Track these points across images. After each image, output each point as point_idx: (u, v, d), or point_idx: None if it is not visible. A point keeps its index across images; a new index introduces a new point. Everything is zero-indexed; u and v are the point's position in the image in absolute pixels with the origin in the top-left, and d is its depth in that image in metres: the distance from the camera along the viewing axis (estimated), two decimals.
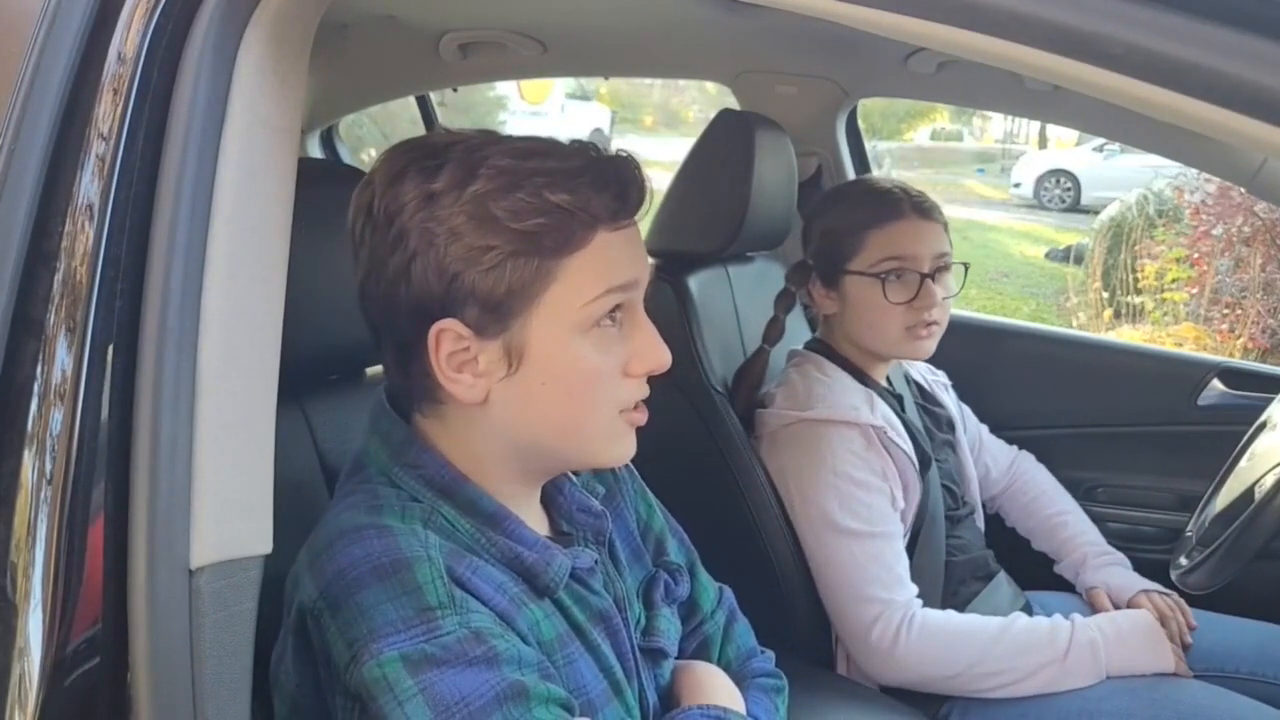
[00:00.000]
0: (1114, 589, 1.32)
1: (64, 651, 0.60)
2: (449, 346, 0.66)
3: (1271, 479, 1.04)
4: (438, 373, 0.67)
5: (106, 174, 0.63)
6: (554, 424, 0.70)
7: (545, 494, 0.79)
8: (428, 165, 0.66)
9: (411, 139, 0.70)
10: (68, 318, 0.63)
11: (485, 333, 0.66)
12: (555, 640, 0.70)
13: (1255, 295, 5.04)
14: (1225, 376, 1.64)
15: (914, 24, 0.52)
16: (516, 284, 0.65)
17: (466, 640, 0.61)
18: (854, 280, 1.24)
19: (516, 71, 1.94)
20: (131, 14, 0.65)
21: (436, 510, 0.68)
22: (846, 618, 1.18)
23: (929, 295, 1.21)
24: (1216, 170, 1.70)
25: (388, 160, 0.68)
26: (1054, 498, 1.48)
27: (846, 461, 1.19)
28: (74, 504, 0.61)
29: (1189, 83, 0.46)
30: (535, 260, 0.65)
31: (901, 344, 1.25)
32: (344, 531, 0.66)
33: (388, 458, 0.71)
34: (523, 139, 0.68)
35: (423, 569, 0.63)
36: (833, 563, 1.19)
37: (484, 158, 0.65)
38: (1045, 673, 1.12)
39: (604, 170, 0.67)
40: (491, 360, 0.67)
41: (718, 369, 1.35)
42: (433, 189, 0.65)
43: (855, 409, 1.22)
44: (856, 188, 1.34)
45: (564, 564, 0.71)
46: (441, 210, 0.64)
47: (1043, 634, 1.14)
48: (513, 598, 0.67)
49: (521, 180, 0.64)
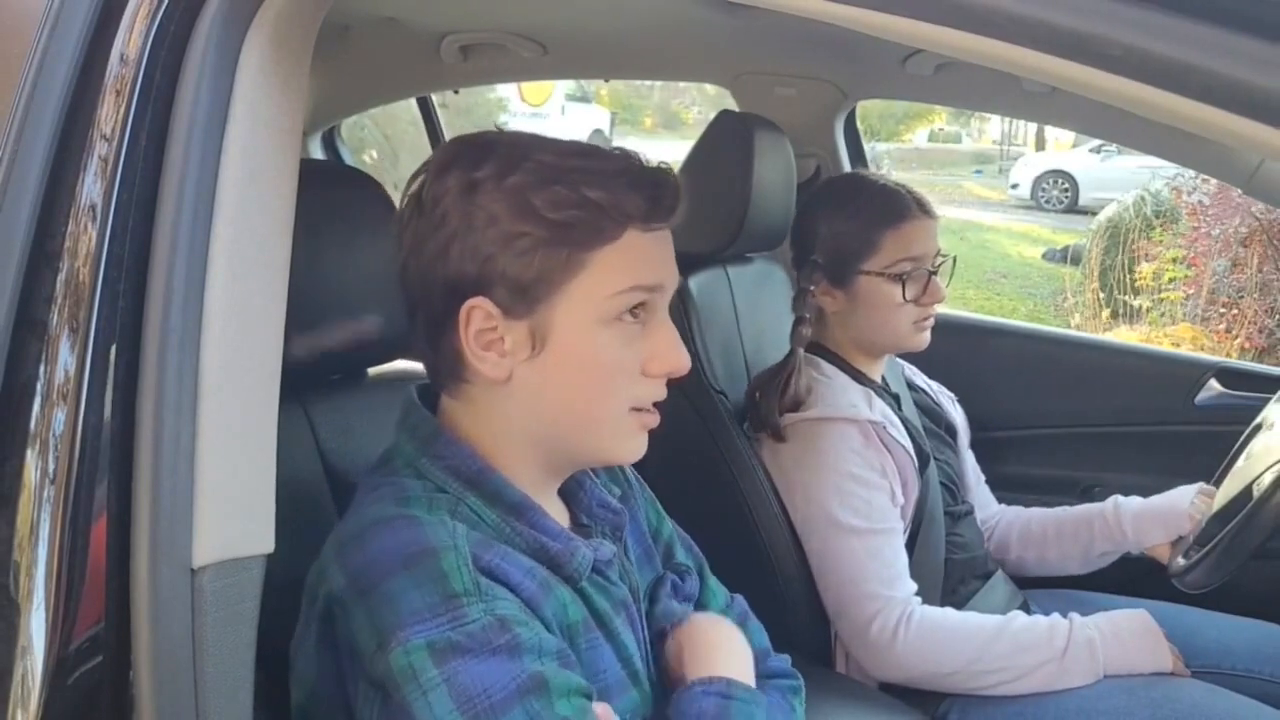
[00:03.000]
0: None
1: (66, 650, 0.61)
2: (478, 324, 0.69)
3: (1268, 478, 1.05)
4: (465, 348, 0.70)
5: (109, 175, 0.64)
6: (567, 409, 0.72)
7: (567, 489, 0.80)
8: (474, 157, 0.70)
9: (464, 135, 0.74)
10: (70, 318, 0.63)
11: (513, 313, 0.69)
12: (581, 623, 0.71)
13: (1252, 295, 5.05)
14: (1222, 376, 1.64)
15: (912, 25, 0.52)
16: (545, 270, 0.69)
17: (491, 628, 0.62)
18: (868, 280, 1.26)
19: (517, 73, 1.94)
20: (134, 16, 0.65)
21: (463, 501, 0.70)
22: (846, 614, 1.19)
23: (936, 291, 1.25)
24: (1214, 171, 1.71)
25: (440, 152, 0.73)
26: (1044, 511, 1.48)
27: (846, 459, 1.20)
28: (77, 503, 0.61)
29: (1186, 84, 0.47)
30: (565, 250, 0.69)
31: (910, 338, 1.28)
32: (373, 522, 0.67)
33: (415, 450, 0.73)
34: (569, 142, 0.72)
35: (449, 557, 0.64)
36: (833, 559, 1.19)
37: (527, 154, 0.69)
38: (1043, 671, 1.12)
39: (640, 174, 0.71)
40: (517, 340, 0.70)
41: (718, 370, 1.36)
42: (475, 177, 0.68)
43: (854, 406, 1.22)
44: (861, 188, 1.31)
45: (587, 555, 0.73)
46: (482, 197, 0.68)
47: (1041, 632, 1.15)
48: (542, 581, 0.68)
49: (560, 175, 0.68)
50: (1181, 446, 1.60)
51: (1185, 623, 1.29)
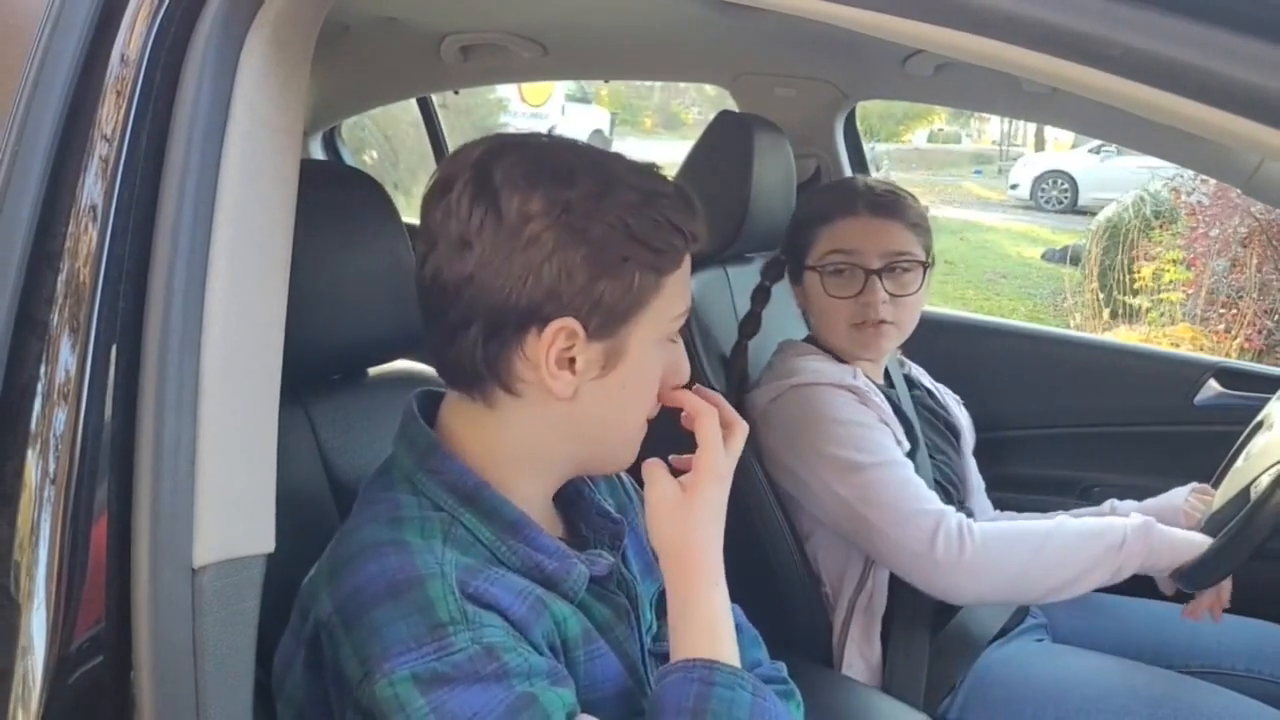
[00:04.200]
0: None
1: (67, 650, 0.61)
2: (561, 344, 0.68)
3: (1267, 478, 1.05)
4: (542, 368, 0.68)
5: (110, 175, 0.64)
6: (610, 424, 0.74)
7: (566, 498, 0.80)
8: (559, 171, 0.68)
9: (512, 138, 0.71)
10: (71, 318, 0.63)
11: (596, 335, 0.69)
12: (582, 635, 0.71)
13: (1251, 296, 5.05)
14: (1221, 377, 1.64)
15: (912, 26, 0.52)
16: (638, 294, 0.70)
17: (477, 657, 0.62)
18: (809, 275, 1.27)
19: (517, 74, 1.94)
20: (134, 16, 0.66)
21: (458, 520, 0.69)
22: (905, 545, 1.12)
23: (872, 292, 1.22)
24: (1213, 171, 1.70)
25: (503, 160, 0.68)
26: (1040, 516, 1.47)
27: (843, 409, 1.19)
28: (77, 503, 0.61)
29: (1186, 84, 0.47)
30: (655, 275, 0.70)
31: (849, 339, 1.26)
32: (364, 547, 0.66)
33: (413, 463, 0.72)
34: (631, 160, 0.73)
35: (435, 585, 0.63)
36: (868, 499, 1.14)
37: (612, 173, 0.69)
38: (1106, 564, 1.10)
39: (687, 195, 0.73)
40: (590, 360, 0.70)
41: (717, 370, 1.36)
42: (569, 197, 0.67)
43: (840, 376, 1.23)
44: (827, 186, 1.37)
45: (583, 572, 0.72)
46: (579, 219, 0.67)
47: (1095, 527, 1.13)
48: (534, 602, 0.68)
49: (649, 199, 0.69)
50: (1180, 446, 1.61)
51: (1185, 623, 1.29)
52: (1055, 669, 1.19)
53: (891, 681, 1.21)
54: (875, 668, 1.23)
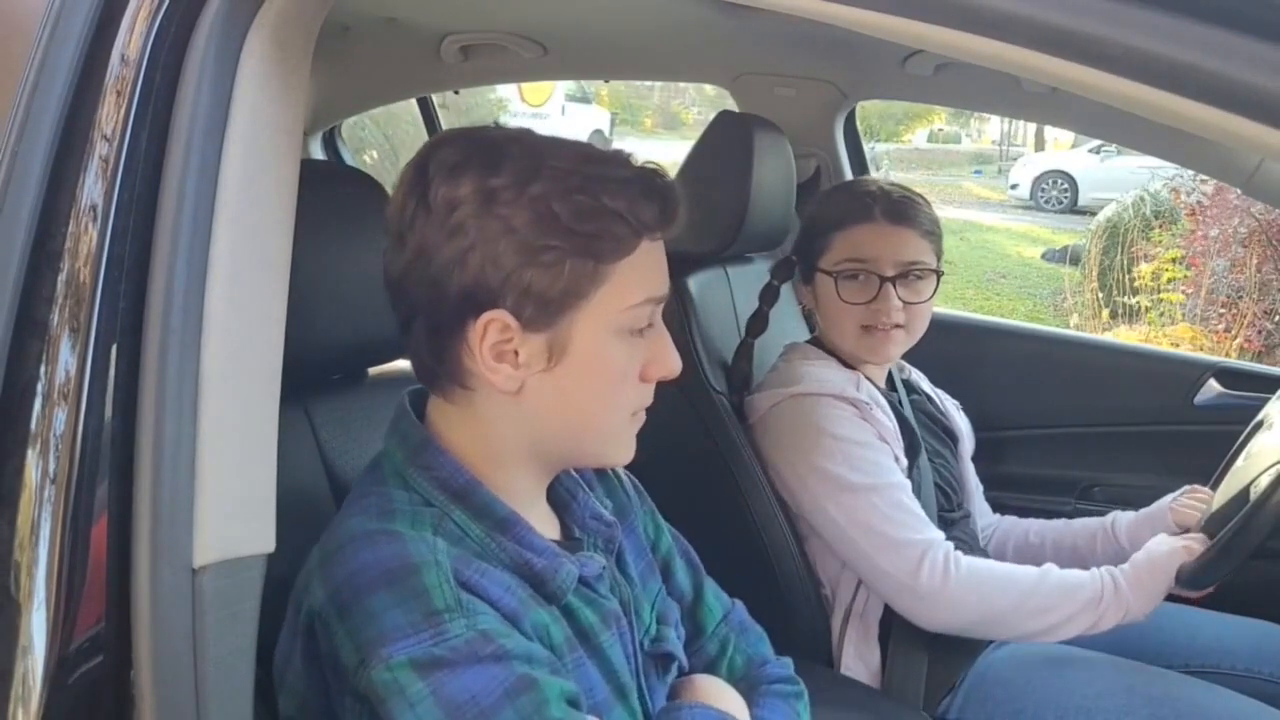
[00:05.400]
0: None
1: (67, 650, 0.61)
2: (494, 337, 0.67)
3: (1267, 478, 1.05)
4: (479, 361, 0.68)
5: (110, 175, 0.64)
6: (574, 420, 0.71)
7: (560, 499, 0.79)
8: (487, 160, 0.66)
9: (461, 130, 0.71)
10: (71, 318, 0.63)
11: (531, 326, 0.67)
12: (564, 644, 0.70)
13: (1251, 296, 5.06)
14: (1221, 376, 1.64)
15: (912, 26, 0.52)
16: (571, 283, 0.67)
17: (474, 641, 0.62)
18: (821, 278, 1.27)
19: (517, 74, 1.94)
20: (135, 16, 0.65)
21: (448, 516, 0.69)
22: (889, 573, 1.14)
23: (887, 299, 1.22)
24: (1213, 171, 1.71)
25: (443, 150, 0.68)
26: (1041, 521, 1.47)
27: (841, 425, 1.19)
28: (77, 503, 0.61)
29: (1186, 84, 0.47)
30: (591, 262, 0.67)
31: (857, 342, 1.26)
32: (354, 536, 0.66)
33: (404, 459, 0.72)
34: (574, 143, 0.70)
35: (430, 573, 0.63)
36: (856, 521, 1.16)
37: (543, 159, 0.67)
38: (1084, 616, 1.11)
39: (649, 181, 0.69)
40: (532, 353, 0.68)
41: (717, 370, 1.36)
42: (493, 184, 0.65)
43: (842, 386, 1.23)
44: (841, 188, 1.36)
45: (571, 572, 0.72)
46: (503, 207, 0.65)
47: (1081, 579, 1.13)
48: (521, 600, 0.67)
49: (581, 184, 0.66)
50: (1180, 446, 1.61)
51: (1185, 623, 1.29)
52: (1055, 669, 1.19)
53: (891, 682, 1.21)
54: (875, 669, 1.23)
